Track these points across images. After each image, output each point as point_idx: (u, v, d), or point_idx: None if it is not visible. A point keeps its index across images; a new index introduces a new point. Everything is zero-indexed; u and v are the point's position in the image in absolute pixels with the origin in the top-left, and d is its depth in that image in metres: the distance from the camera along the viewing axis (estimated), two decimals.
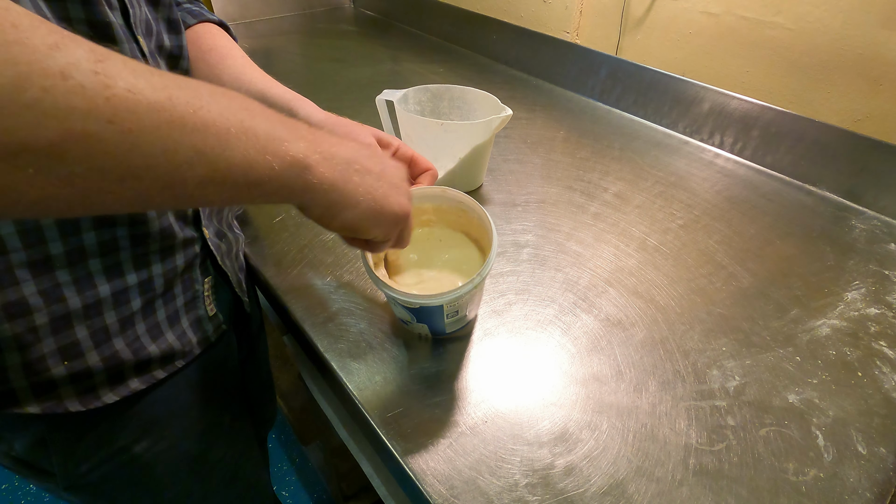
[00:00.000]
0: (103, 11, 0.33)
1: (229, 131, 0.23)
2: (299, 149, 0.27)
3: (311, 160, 0.27)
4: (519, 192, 0.71)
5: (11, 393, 0.36)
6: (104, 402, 0.40)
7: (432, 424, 0.41)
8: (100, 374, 0.39)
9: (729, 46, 0.81)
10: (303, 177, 0.27)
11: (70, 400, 0.38)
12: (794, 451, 0.40)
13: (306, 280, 0.55)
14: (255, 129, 0.24)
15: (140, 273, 0.40)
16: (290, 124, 0.28)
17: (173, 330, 0.44)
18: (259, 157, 0.25)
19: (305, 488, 1.20)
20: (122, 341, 0.40)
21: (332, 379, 0.47)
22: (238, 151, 0.24)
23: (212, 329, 0.48)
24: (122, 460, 0.44)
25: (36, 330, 0.35)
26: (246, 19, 1.41)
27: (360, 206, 0.31)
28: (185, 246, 0.43)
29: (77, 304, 0.36)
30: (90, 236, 0.36)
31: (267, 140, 0.25)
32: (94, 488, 0.44)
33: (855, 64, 0.69)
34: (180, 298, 0.44)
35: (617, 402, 0.43)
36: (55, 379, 0.37)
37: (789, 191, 0.73)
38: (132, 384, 0.41)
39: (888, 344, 0.50)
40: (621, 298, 0.54)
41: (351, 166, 0.30)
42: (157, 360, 0.43)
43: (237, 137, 0.24)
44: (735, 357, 0.48)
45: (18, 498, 1.18)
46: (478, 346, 0.48)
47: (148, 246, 0.39)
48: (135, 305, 0.40)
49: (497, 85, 1.04)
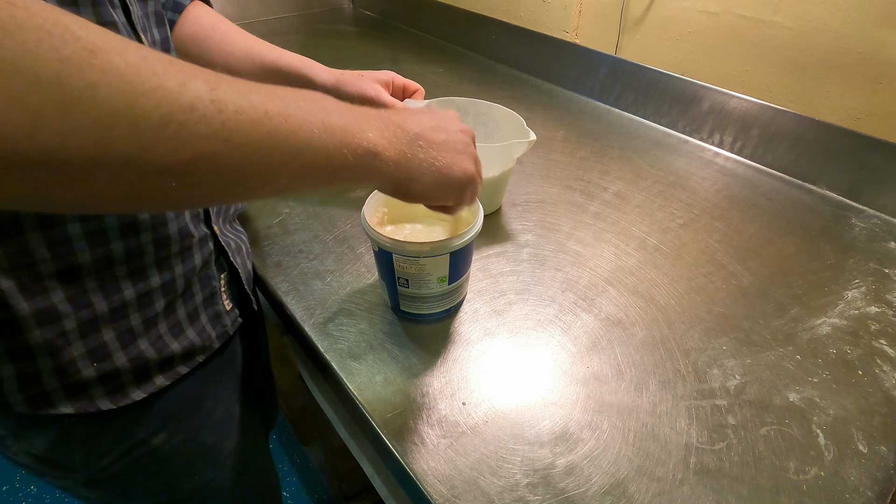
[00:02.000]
0: (109, 12, 0.34)
1: (313, 132, 0.27)
2: (369, 138, 0.30)
3: (380, 147, 0.31)
4: (519, 191, 0.71)
5: (46, 395, 0.38)
6: (132, 399, 0.41)
7: (433, 424, 0.41)
8: (127, 373, 0.40)
9: (728, 45, 0.81)
10: (373, 163, 0.30)
11: (101, 399, 0.40)
12: (794, 450, 0.40)
13: (306, 280, 0.55)
14: (332, 126, 0.28)
15: (163, 275, 0.41)
16: (360, 113, 0.31)
17: (193, 326, 0.45)
18: (337, 151, 0.28)
19: (306, 489, 1.21)
20: (147, 341, 0.41)
21: (333, 379, 0.47)
22: (321, 149, 0.27)
23: (229, 323, 0.50)
24: (142, 453, 0.45)
25: (66, 335, 0.37)
26: (245, 20, 1.41)
27: (425, 178, 0.34)
28: (201, 245, 0.45)
29: (104, 308, 0.38)
30: (118, 245, 0.37)
31: (343, 134, 0.28)
32: (113, 481, 0.45)
33: (854, 62, 0.69)
34: (199, 296, 0.46)
35: (617, 401, 0.43)
36: (86, 380, 0.38)
37: (789, 189, 0.73)
38: (157, 381, 0.43)
39: (888, 342, 0.50)
40: (621, 298, 0.54)
41: (415, 142, 0.33)
42: (180, 357, 0.44)
43: (319, 136, 0.27)
44: (735, 356, 0.48)
45: (19, 499, 1.18)
46: (478, 345, 0.48)
47: (169, 248, 0.41)
48: (158, 307, 0.42)
49: (497, 85, 1.04)
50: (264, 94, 0.25)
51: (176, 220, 0.41)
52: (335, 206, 0.67)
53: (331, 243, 0.60)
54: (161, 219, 0.40)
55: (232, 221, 0.55)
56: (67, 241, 0.35)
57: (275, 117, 0.25)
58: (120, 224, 0.37)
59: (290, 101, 0.27)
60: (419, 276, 0.45)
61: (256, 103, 0.25)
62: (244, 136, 0.24)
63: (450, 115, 0.38)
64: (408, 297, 0.48)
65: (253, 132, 0.24)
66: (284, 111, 0.26)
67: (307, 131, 0.27)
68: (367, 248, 0.59)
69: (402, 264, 0.45)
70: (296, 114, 0.26)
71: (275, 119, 0.25)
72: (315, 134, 0.27)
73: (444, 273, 0.46)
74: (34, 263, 0.34)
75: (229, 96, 0.23)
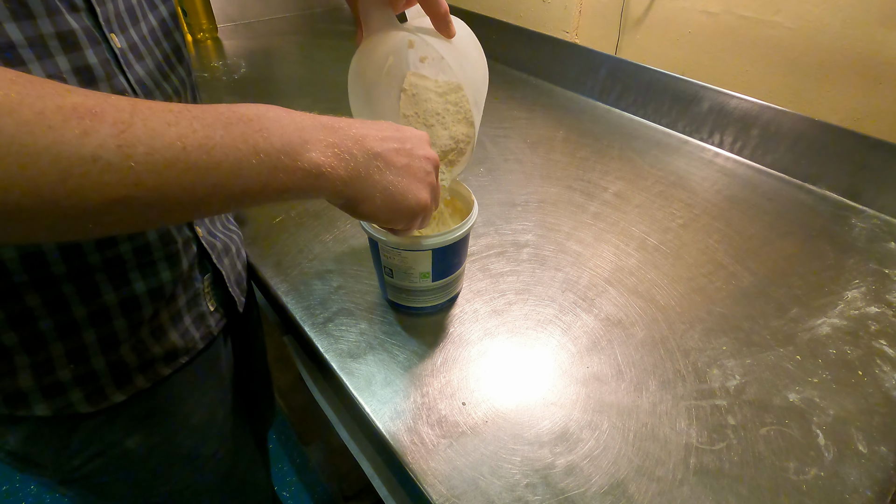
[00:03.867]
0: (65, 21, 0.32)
1: (240, 162, 0.26)
2: (311, 158, 0.28)
3: (326, 166, 0.29)
4: (519, 191, 0.71)
5: (21, 395, 0.37)
6: (112, 401, 0.41)
7: (433, 424, 0.41)
8: (105, 376, 0.40)
9: (728, 46, 0.81)
10: (315, 183, 0.29)
11: (79, 401, 0.39)
12: (794, 450, 0.40)
13: (306, 280, 0.55)
14: (267, 150, 0.27)
15: (148, 281, 0.41)
16: (310, 129, 0.29)
17: (176, 328, 0.45)
18: (271, 176, 0.27)
19: (306, 489, 1.20)
20: (128, 345, 0.40)
21: (333, 379, 0.47)
22: (251, 176, 0.26)
23: (213, 324, 0.49)
24: (115, 454, 0.44)
25: (41, 335, 0.36)
26: (246, 20, 1.41)
27: (376, 199, 0.33)
28: (185, 248, 0.44)
29: (82, 312, 0.37)
30: (95, 256, 0.36)
31: (279, 158, 0.27)
32: (87, 482, 0.45)
33: (854, 62, 0.69)
34: (182, 298, 0.45)
35: (617, 401, 0.43)
36: (62, 382, 0.38)
37: (789, 190, 0.73)
38: (139, 382, 0.42)
39: (888, 342, 0.49)
40: (621, 298, 0.54)
41: (372, 162, 0.32)
42: (162, 359, 0.44)
43: (249, 165, 0.26)
44: (735, 356, 0.48)
45: (19, 499, 1.18)
46: (478, 345, 0.48)
47: (151, 255, 0.40)
48: (146, 312, 0.41)
49: (497, 85, 1.04)
50: (185, 126, 0.24)
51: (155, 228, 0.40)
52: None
53: (331, 243, 0.60)
54: None
55: (225, 220, 0.54)
56: (41, 255, 0.34)
57: (193, 152, 0.24)
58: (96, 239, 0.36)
59: (218, 129, 0.25)
60: (402, 268, 0.46)
61: (173, 139, 0.24)
62: (157, 176, 0.23)
63: (418, 137, 0.36)
64: (393, 287, 0.49)
65: (167, 172, 0.23)
66: (207, 143, 0.25)
67: (233, 160, 0.25)
68: (367, 248, 0.59)
69: (386, 254, 0.45)
70: (221, 143, 0.25)
71: (193, 154, 0.24)
72: (243, 164, 0.26)
73: (427, 269, 0.46)
74: (8, 274, 0.34)
75: (140, 137, 0.23)
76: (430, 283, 0.47)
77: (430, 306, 0.51)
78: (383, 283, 0.50)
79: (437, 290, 0.48)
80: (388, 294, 0.50)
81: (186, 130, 0.24)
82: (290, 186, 0.28)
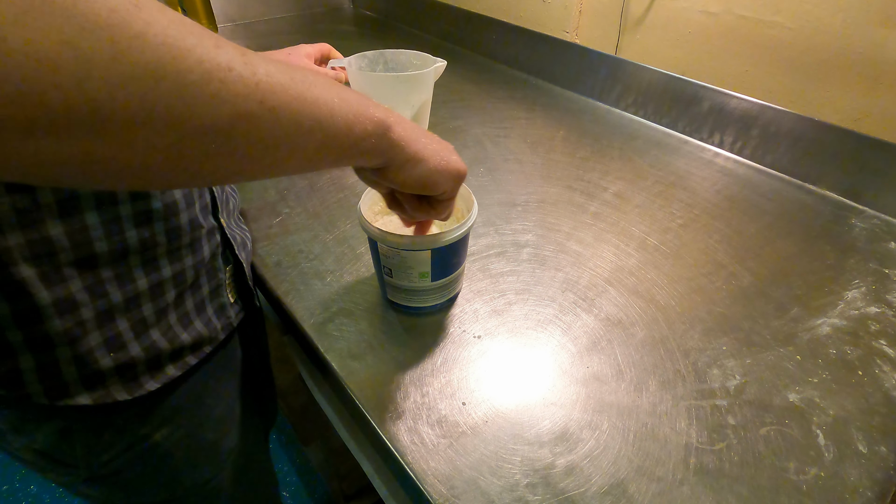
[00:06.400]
0: None
1: (333, 101, 0.28)
2: (380, 112, 0.31)
3: (391, 121, 0.32)
4: (519, 191, 0.71)
5: (65, 386, 0.38)
6: (147, 389, 0.42)
7: (433, 424, 0.41)
8: (142, 363, 0.41)
9: (728, 46, 0.81)
10: (387, 135, 0.32)
11: (117, 390, 0.40)
12: (794, 450, 0.40)
13: (306, 280, 0.55)
14: (348, 99, 0.29)
15: (174, 266, 0.42)
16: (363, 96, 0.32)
17: (201, 318, 0.46)
18: (356, 120, 0.29)
19: (306, 488, 1.21)
20: (158, 331, 0.42)
21: (332, 379, 0.47)
22: (342, 117, 0.28)
23: (233, 315, 0.51)
24: (143, 448, 0.45)
25: (83, 324, 0.37)
26: (245, 20, 1.41)
27: (430, 161, 0.35)
28: (209, 236, 0.46)
29: (119, 298, 0.39)
30: (132, 235, 0.38)
31: (358, 106, 0.30)
32: (114, 478, 0.46)
33: (854, 63, 0.69)
34: (206, 287, 0.46)
35: (617, 401, 0.43)
36: (103, 370, 0.39)
37: (789, 190, 0.73)
38: (169, 371, 0.44)
39: (888, 343, 0.50)
40: (621, 298, 0.54)
41: (416, 129, 0.35)
42: (189, 347, 0.45)
43: (339, 106, 0.28)
44: (735, 356, 0.48)
45: (19, 499, 1.18)
46: (478, 345, 0.48)
47: (181, 239, 0.42)
48: (169, 297, 0.42)
49: (497, 85, 1.04)
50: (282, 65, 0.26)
51: (187, 211, 0.42)
52: (335, 206, 0.67)
53: (331, 243, 0.60)
54: (173, 209, 0.41)
55: (236, 218, 0.55)
56: (85, 229, 0.35)
57: (299, 84, 0.25)
58: (134, 213, 0.38)
59: (308, 74, 0.27)
60: (401, 267, 0.46)
61: (279, 69, 0.25)
62: (276, 97, 0.24)
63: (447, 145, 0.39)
64: (392, 286, 0.49)
65: (283, 94, 0.24)
66: (304, 79, 0.26)
67: (328, 98, 0.27)
68: (367, 248, 0.59)
69: (385, 254, 0.46)
70: (315, 82, 0.27)
71: (299, 86, 0.25)
72: (335, 102, 0.28)
73: (426, 269, 0.46)
74: (55, 253, 0.35)
75: (257, 59, 0.24)
76: (429, 283, 0.47)
77: (429, 306, 0.51)
78: (383, 283, 0.50)
79: (436, 289, 0.48)
80: (388, 294, 0.50)
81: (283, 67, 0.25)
82: (371, 132, 0.30)
